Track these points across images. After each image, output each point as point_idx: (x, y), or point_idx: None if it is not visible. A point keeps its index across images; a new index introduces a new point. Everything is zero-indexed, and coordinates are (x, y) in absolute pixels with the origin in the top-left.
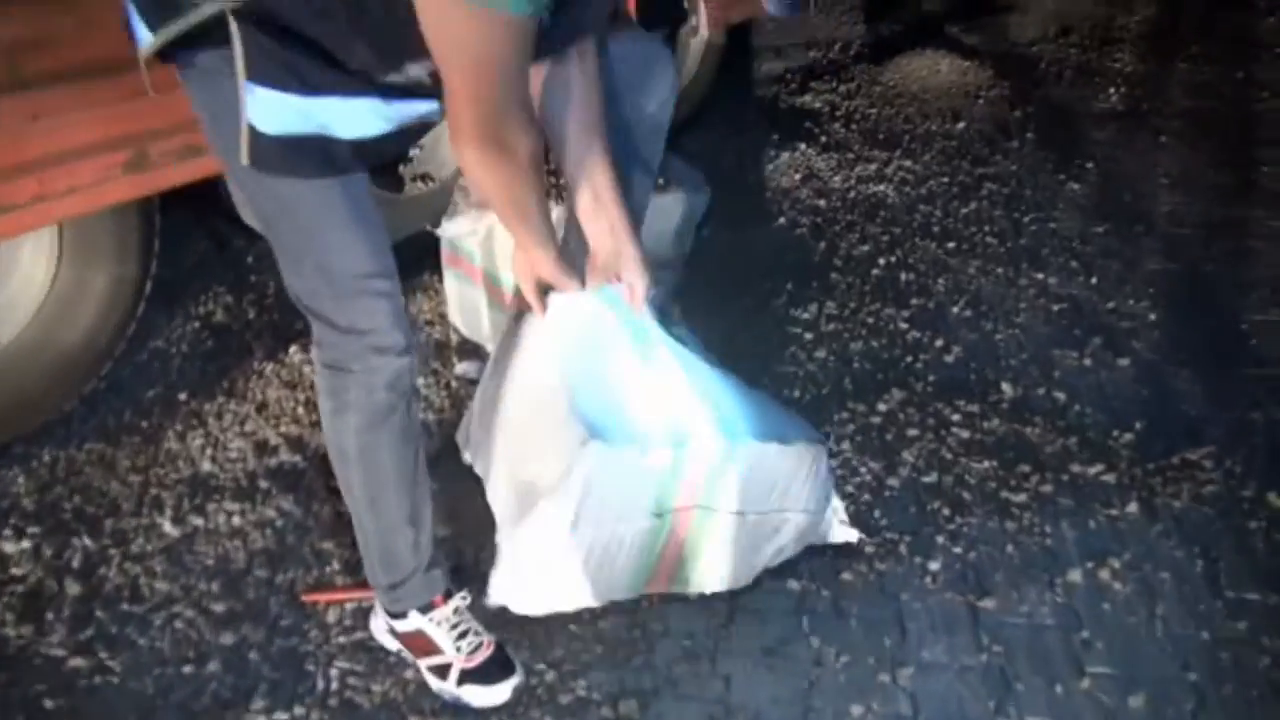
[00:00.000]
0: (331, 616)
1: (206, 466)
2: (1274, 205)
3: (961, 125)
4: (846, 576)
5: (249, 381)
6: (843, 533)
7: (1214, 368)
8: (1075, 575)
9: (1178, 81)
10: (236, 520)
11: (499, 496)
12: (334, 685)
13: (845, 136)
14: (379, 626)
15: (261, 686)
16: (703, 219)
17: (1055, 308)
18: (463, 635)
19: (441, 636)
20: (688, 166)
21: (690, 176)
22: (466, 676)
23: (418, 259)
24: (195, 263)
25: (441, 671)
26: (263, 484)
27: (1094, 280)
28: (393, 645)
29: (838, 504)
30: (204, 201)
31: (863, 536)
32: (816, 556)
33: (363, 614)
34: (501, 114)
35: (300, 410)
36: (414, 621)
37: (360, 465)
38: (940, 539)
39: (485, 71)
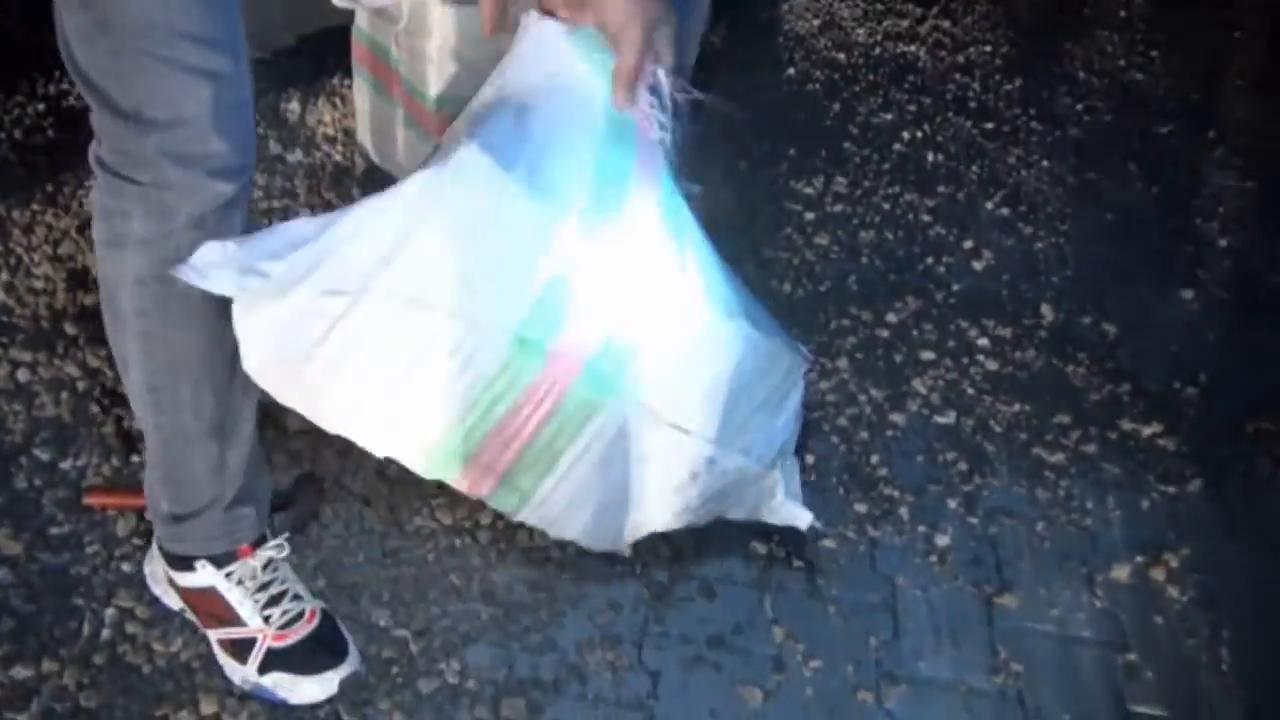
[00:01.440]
0: (122, 528)
1: None
2: None
3: None
4: (828, 544)
5: (79, 189)
6: (789, 512)
7: None
8: (1121, 572)
9: None
10: (24, 375)
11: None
12: (105, 633)
13: None
14: (156, 574)
15: (2, 622)
16: (704, 58)
17: (1108, 216)
18: (274, 600)
19: (242, 601)
20: None
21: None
22: (274, 660)
23: (330, 58)
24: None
25: (239, 650)
26: (69, 329)
27: (1154, 190)
28: (174, 604)
29: (793, 467)
30: None
31: (816, 524)
32: None
33: None
34: None
35: None
36: (204, 576)
37: (139, 335)
38: (953, 503)
39: None
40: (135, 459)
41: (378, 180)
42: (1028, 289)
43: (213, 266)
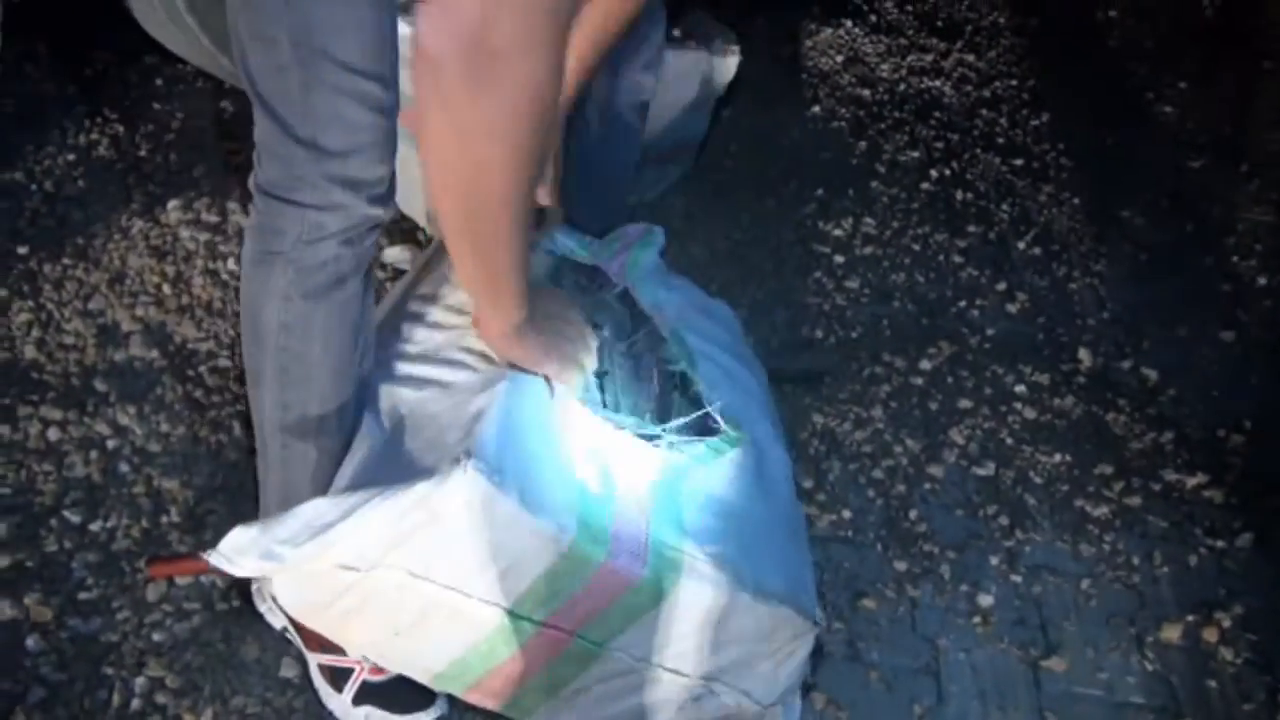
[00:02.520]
0: (152, 593)
1: (29, 353)
2: None
3: (1035, 21)
4: (868, 604)
5: (109, 242)
6: None
7: None
8: (1172, 632)
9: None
10: (54, 434)
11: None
12: (135, 703)
13: (899, 19)
14: (264, 590)
15: (33, 692)
16: (726, 93)
17: (1142, 256)
18: None
19: None
20: (714, 21)
21: (717, 34)
22: (368, 693)
23: None
24: (88, 78)
25: (337, 679)
26: (99, 386)
27: (1189, 227)
28: (277, 623)
29: (794, 706)
30: (109, 6)
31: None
32: (830, 569)
33: (201, 592)
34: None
35: (166, 289)
36: None
37: (277, 350)
38: (995, 560)
39: None
40: (165, 520)
41: (405, 230)
42: (1064, 332)
43: (238, 553)
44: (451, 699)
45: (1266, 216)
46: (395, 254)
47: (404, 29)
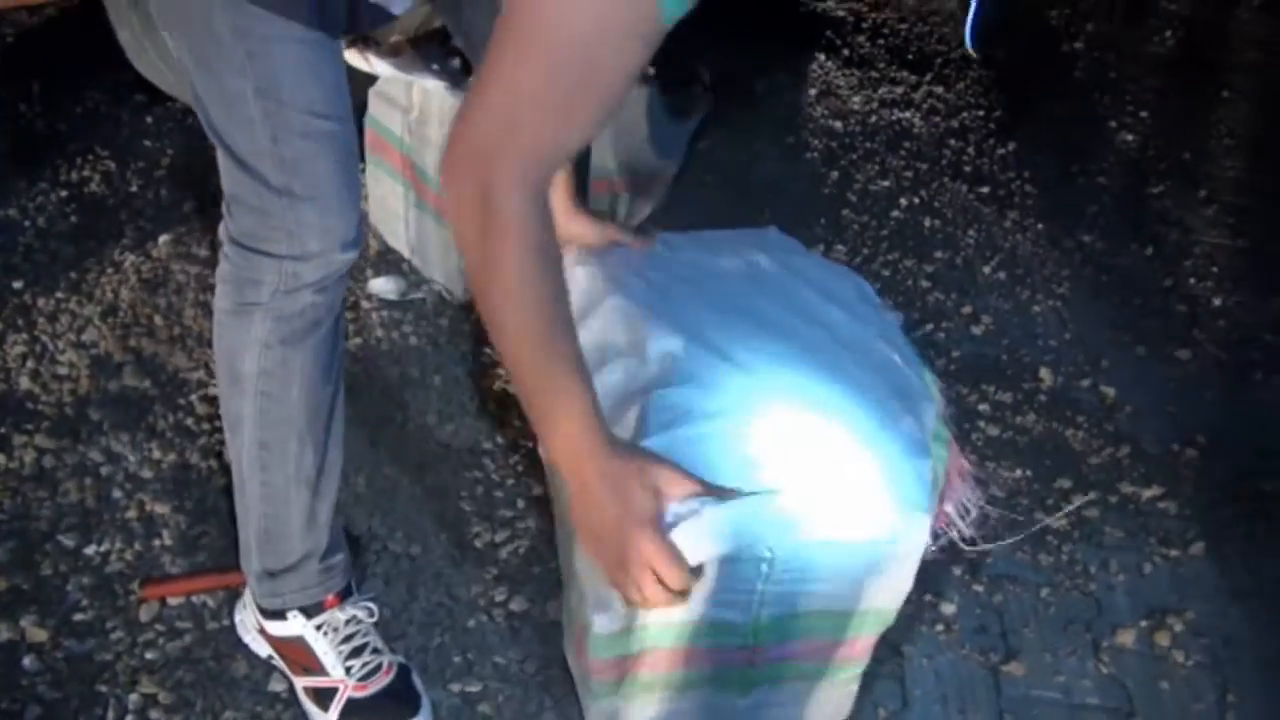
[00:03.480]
0: (145, 613)
1: (24, 383)
2: None
3: (1002, 53)
4: None
5: (102, 276)
6: None
7: None
8: (1126, 637)
9: (1238, 33)
10: (49, 461)
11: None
12: (129, 719)
13: (870, 52)
14: (246, 622)
15: (30, 710)
16: (700, 127)
17: (1103, 279)
18: (356, 652)
19: (327, 651)
20: (689, 57)
21: (689, 71)
22: (354, 709)
23: None
24: (79, 116)
25: (322, 698)
26: (93, 415)
27: (1148, 250)
28: (262, 650)
29: None
30: (100, 46)
31: None
32: None
33: (192, 611)
34: (558, 154)
35: (158, 321)
36: (294, 626)
37: (257, 395)
38: (958, 570)
39: (581, 76)
40: (157, 543)
41: (390, 261)
42: (1026, 353)
43: None
44: (434, 710)
45: (1222, 240)
46: (380, 285)
47: None
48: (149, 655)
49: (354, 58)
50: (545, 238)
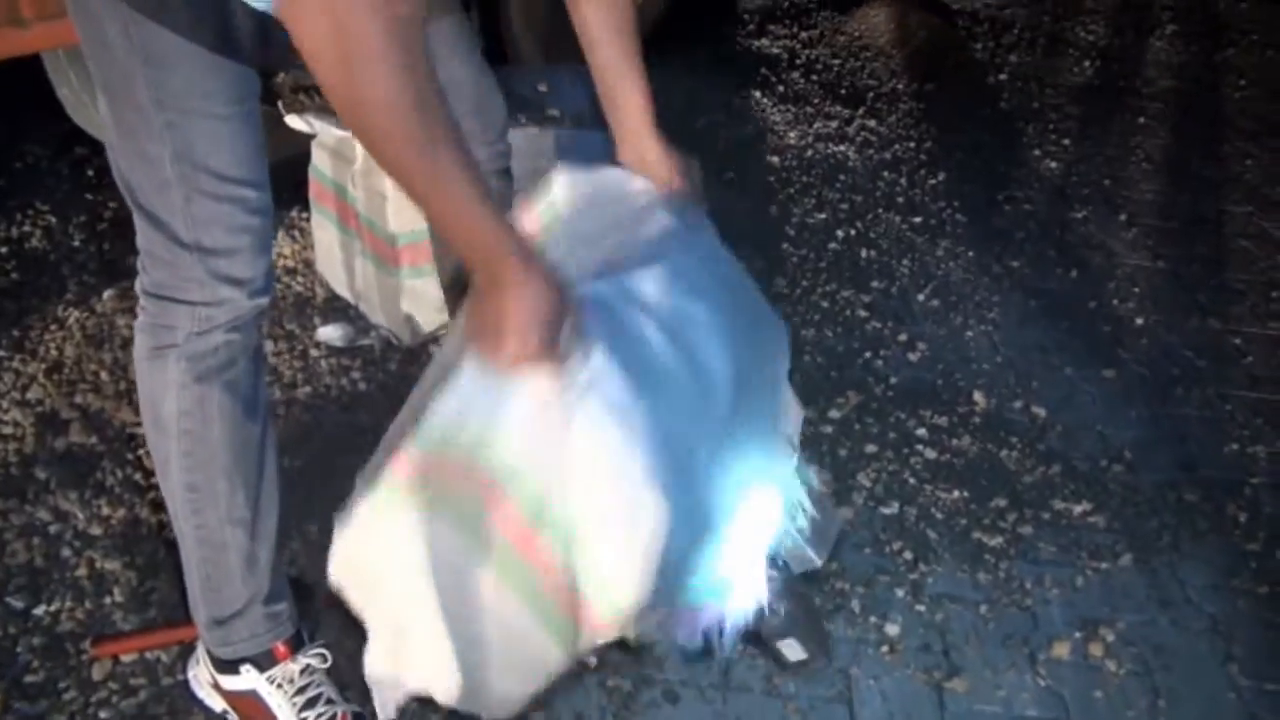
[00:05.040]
0: (98, 672)
1: None
2: (1260, 202)
3: (931, 87)
4: (786, 641)
5: (45, 332)
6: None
7: (1207, 386)
8: (1062, 649)
9: (1154, 60)
10: None
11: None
12: None
13: (805, 88)
14: (200, 677)
15: None
16: None
17: (1032, 303)
18: (310, 704)
19: (281, 704)
20: None
21: None
22: None
23: (286, 190)
24: (18, 171)
25: None
26: (39, 474)
27: (1073, 274)
28: (217, 706)
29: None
30: (38, 99)
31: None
32: None
33: (146, 668)
34: None
35: (104, 376)
36: (248, 680)
37: (180, 435)
38: (900, 592)
39: None
40: (108, 600)
41: (338, 309)
42: (961, 378)
43: None
44: None
45: (1143, 261)
46: (328, 332)
47: None
48: (103, 714)
49: (295, 121)
50: (415, 52)
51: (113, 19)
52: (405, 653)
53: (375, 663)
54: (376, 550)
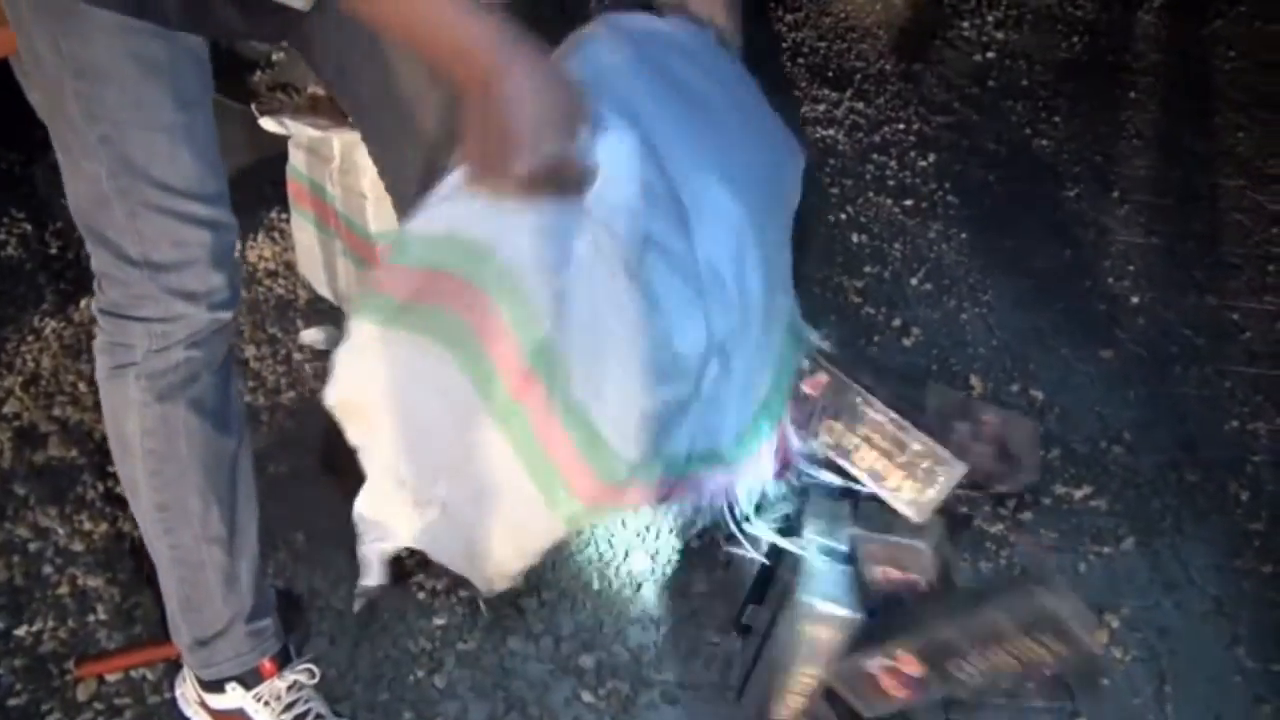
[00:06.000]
0: (83, 692)
1: None
2: (1252, 175)
3: (919, 66)
4: None
5: (22, 344)
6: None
7: (1205, 363)
8: None
9: (1142, 34)
10: None
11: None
12: None
13: (792, 72)
14: (188, 695)
15: None
16: None
17: (1026, 284)
18: None
19: None
20: None
21: None
22: None
23: (267, 190)
24: None
25: None
26: (18, 489)
27: (1067, 253)
28: None
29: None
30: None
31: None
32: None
33: (131, 686)
34: None
35: (82, 387)
36: (234, 698)
37: (145, 455)
38: None
39: None
40: (91, 618)
41: (321, 311)
42: (956, 361)
43: None
44: None
45: (1137, 238)
46: (311, 335)
47: None
48: None
49: (269, 123)
50: None
51: (42, 33)
52: (399, 500)
53: (368, 508)
54: (373, 380)
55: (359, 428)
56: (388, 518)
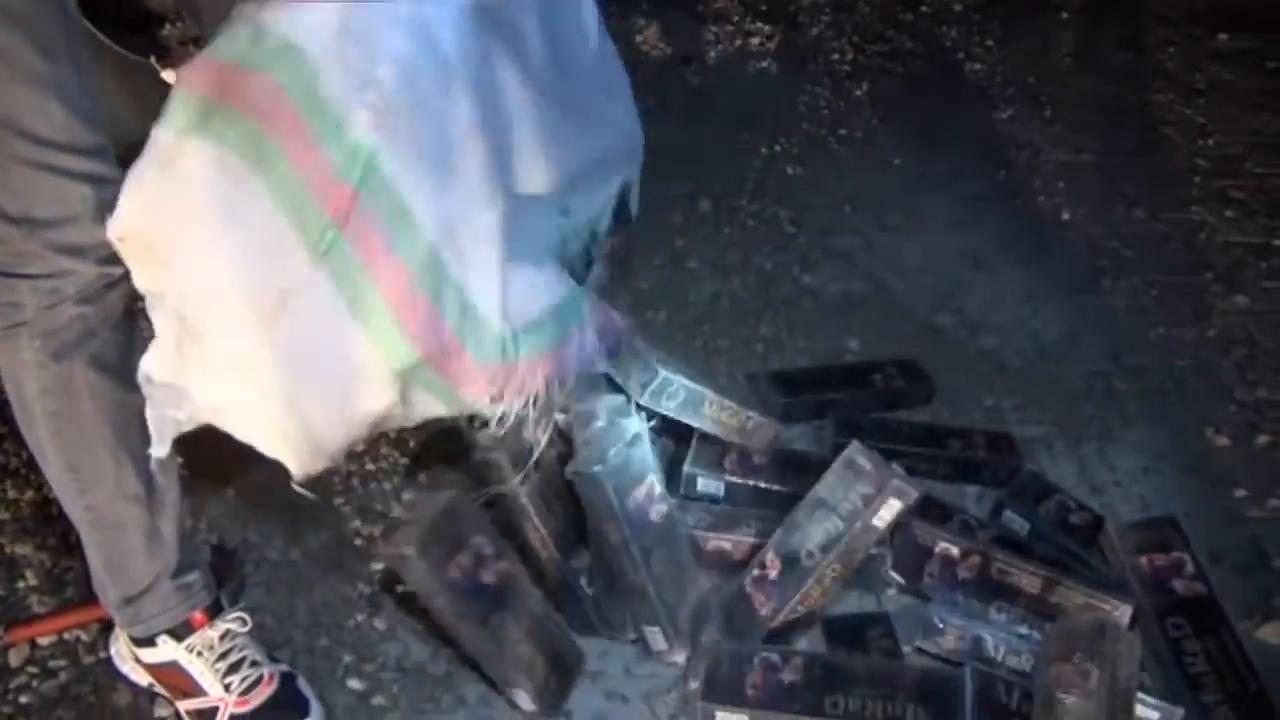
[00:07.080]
0: (15, 658)
1: None
2: (1181, 89)
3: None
4: None
5: None
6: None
7: (1133, 274)
8: None
9: None
10: None
11: None
12: None
13: (725, 7)
14: (122, 652)
15: None
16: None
17: (960, 208)
18: (234, 668)
19: (203, 672)
20: None
21: None
22: None
23: None
24: None
25: (205, 719)
26: None
27: (1001, 174)
28: (142, 680)
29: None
30: None
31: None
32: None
33: (65, 649)
34: None
35: None
36: (166, 651)
37: (47, 416)
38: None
39: None
40: (22, 585)
41: None
42: (892, 286)
43: None
44: (329, 711)
45: (1068, 156)
46: None
47: None
48: (24, 699)
49: (170, 77)
50: None
51: None
52: (195, 359)
53: (155, 367)
54: (166, 207)
55: (147, 267)
56: (180, 380)
